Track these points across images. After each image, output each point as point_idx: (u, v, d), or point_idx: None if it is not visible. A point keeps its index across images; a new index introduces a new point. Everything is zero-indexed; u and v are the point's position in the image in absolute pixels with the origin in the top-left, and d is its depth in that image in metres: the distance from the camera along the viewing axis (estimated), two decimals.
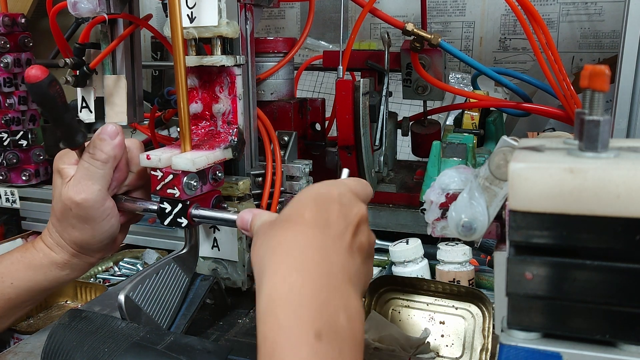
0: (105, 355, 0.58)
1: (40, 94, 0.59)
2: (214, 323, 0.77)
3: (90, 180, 0.66)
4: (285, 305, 0.45)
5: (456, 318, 0.70)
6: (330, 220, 0.51)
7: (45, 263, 0.71)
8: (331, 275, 0.48)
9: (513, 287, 0.40)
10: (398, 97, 1.27)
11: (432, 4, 1.83)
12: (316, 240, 0.49)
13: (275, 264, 0.48)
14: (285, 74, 0.97)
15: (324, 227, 0.51)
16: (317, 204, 0.52)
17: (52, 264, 0.71)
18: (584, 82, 0.39)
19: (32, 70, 0.58)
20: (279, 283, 0.46)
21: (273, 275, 0.47)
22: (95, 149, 0.67)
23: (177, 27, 0.66)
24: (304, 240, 0.49)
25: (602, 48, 1.69)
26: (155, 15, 0.94)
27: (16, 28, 1.16)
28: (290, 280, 0.46)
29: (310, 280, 0.46)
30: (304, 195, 0.54)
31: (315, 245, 0.49)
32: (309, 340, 0.43)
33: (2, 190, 1.23)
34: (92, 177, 0.66)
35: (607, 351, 0.39)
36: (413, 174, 1.18)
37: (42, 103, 0.61)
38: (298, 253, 0.48)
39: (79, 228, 0.68)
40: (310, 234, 0.50)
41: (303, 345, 0.43)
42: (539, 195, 0.38)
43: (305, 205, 0.52)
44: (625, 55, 0.80)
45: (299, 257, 0.48)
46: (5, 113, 1.16)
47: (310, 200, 0.53)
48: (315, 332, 0.43)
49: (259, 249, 0.52)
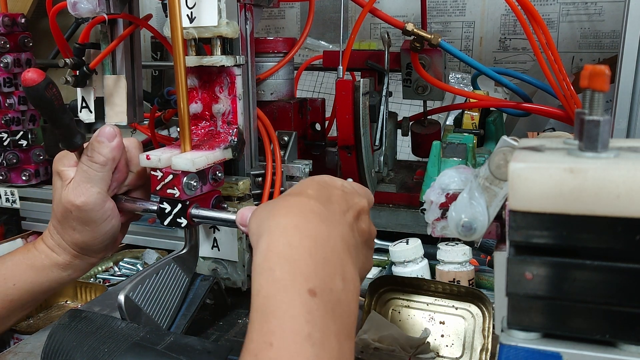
0: (105, 356, 0.58)
1: (37, 97, 0.59)
2: (214, 323, 0.77)
3: (89, 183, 0.66)
4: (281, 259, 0.44)
5: (456, 318, 0.70)
6: (333, 199, 0.52)
7: (47, 264, 0.71)
8: (330, 240, 0.47)
9: (513, 287, 0.40)
10: (398, 97, 1.27)
11: (432, 4, 1.83)
12: (317, 208, 0.49)
13: (275, 222, 0.48)
14: (285, 74, 0.97)
15: (326, 202, 0.51)
16: (320, 186, 0.54)
17: (54, 265, 0.71)
18: (584, 82, 0.39)
19: (28, 74, 0.58)
20: (276, 238, 0.46)
21: (272, 232, 0.47)
22: (94, 152, 0.66)
23: (177, 27, 0.66)
24: (305, 206, 0.49)
25: (602, 48, 1.69)
26: (155, 15, 0.94)
27: (16, 28, 1.16)
28: (289, 236, 0.46)
29: (308, 239, 0.46)
30: (307, 179, 0.57)
31: (317, 211, 0.49)
32: (303, 296, 0.42)
33: (2, 190, 1.23)
34: (91, 180, 0.66)
35: (607, 351, 0.39)
36: (413, 174, 1.18)
37: (39, 106, 0.61)
38: (298, 213, 0.48)
39: (80, 230, 0.68)
40: (313, 203, 0.50)
41: (296, 299, 0.42)
42: (539, 195, 0.38)
43: (309, 185, 0.53)
44: (625, 55, 0.80)
45: (299, 217, 0.48)
46: (5, 113, 1.16)
47: (313, 182, 0.54)
48: (310, 289, 0.43)
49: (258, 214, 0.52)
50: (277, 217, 0.48)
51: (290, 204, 0.50)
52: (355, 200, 0.55)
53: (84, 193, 0.66)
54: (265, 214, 0.50)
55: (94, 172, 0.66)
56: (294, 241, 0.45)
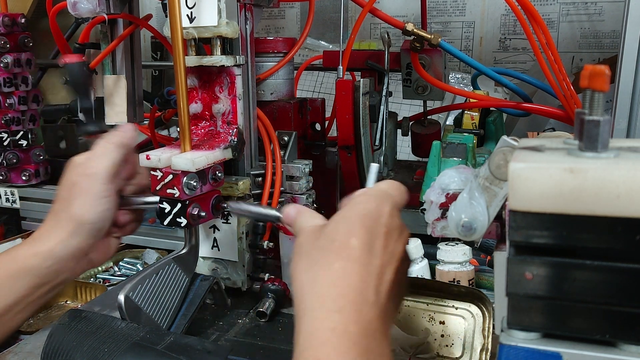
0: (105, 355, 0.58)
1: (75, 73, 0.70)
2: (214, 323, 0.77)
3: (101, 157, 0.70)
4: (327, 347, 0.44)
5: (456, 318, 0.70)
6: (375, 249, 0.50)
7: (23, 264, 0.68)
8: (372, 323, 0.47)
9: (513, 287, 0.40)
10: (398, 97, 1.27)
11: (432, 4, 1.83)
12: (358, 278, 0.48)
13: (316, 301, 0.47)
14: (285, 74, 0.97)
15: (368, 261, 0.49)
16: (365, 229, 0.51)
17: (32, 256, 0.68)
18: (584, 82, 0.39)
19: (69, 55, 0.69)
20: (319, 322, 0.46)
21: (313, 312, 0.47)
22: (111, 135, 0.72)
23: (177, 27, 0.66)
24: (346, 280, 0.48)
25: (602, 48, 1.69)
26: (155, 15, 0.94)
27: (16, 28, 1.16)
28: (332, 322, 0.45)
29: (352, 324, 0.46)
30: (353, 213, 0.52)
31: (357, 286, 0.48)
32: None
33: (2, 190, 1.23)
34: (103, 155, 0.70)
35: (607, 351, 0.39)
36: (413, 174, 1.18)
37: (76, 81, 0.70)
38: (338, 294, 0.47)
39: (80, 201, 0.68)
40: (353, 270, 0.48)
41: None
42: (538, 195, 0.38)
43: (353, 230, 0.51)
44: (625, 55, 0.79)
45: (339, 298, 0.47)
46: (5, 113, 1.16)
47: (358, 222, 0.51)
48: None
49: (300, 272, 0.51)
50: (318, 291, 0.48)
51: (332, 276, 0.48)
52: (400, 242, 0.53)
53: (96, 165, 0.69)
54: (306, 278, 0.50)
55: (107, 150, 0.70)
56: (337, 329, 0.45)
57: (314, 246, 0.51)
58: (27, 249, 0.69)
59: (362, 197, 0.54)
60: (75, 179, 0.69)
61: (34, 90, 1.20)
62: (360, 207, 0.52)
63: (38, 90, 1.23)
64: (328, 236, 0.51)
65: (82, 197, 0.68)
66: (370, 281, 0.48)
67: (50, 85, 1.65)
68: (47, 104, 1.51)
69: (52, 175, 1.26)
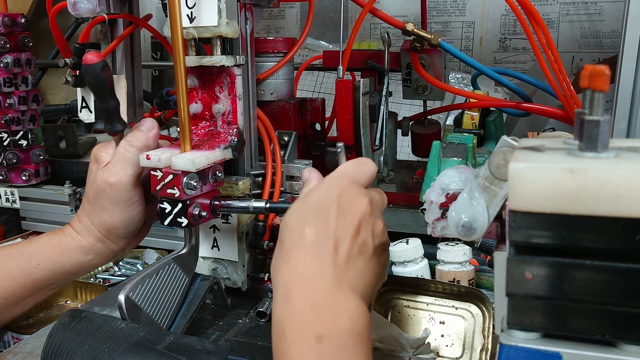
0: (105, 356, 0.58)
1: (94, 75, 0.67)
2: (214, 323, 0.77)
3: (125, 164, 0.71)
4: (288, 321, 0.51)
5: (456, 318, 0.70)
6: (329, 230, 0.54)
7: (71, 246, 0.74)
8: (329, 288, 0.52)
9: (513, 287, 0.40)
10: (398, 97, 1.28)
11: (432, 4, 1.83)
12: (315, 261, 0.53)
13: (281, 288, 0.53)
14: (285, 74, 0.97)
15: (324, 244, 0.53)
16: (317, 216, 0.55)
17: (77, 248, 0.74)
18: (584, 82, 0.39)
19: (89, 55, 0.66)
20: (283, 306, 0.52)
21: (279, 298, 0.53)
22: (133, 137, 0.72)
23: (177, 27, 0.66)
24: (303, 268, 0.53)
25: (602, 48, 1.69)
26: (155, 15, 0.94)
27: (16, 28, 1.16)
28: (293, 301, 0.52)
29: (309, 296, 0.52)
30: (306, 205, 0.57)
31: (314, 266, 0.53)
32: (311, 344, 0.49)
33: (2, 190, 1.23)
34: (126, 162, 0.71)
35: (607, 351, 0.39)
36: (413, 174, 1.18)
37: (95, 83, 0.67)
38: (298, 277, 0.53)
39: (109, 210, 0.72)
40: (309, 256, 0.53)
41: (305, 348, 0.49)
42: (538, 195, 0.38)
43: (306, 220, 0.55)
44: (625, 55, 0.80)
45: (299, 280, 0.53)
46: (5, 113, 1.16)
47: (310, 212, 0.56)
48: (316, 336, 0.49)
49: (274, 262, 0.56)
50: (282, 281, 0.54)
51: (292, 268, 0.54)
52: (352, 212, 0.55)
53: (119, 172, 0.71)
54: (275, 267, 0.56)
55: (130, 155, 0.71)
56: (296, 304, 0.51)
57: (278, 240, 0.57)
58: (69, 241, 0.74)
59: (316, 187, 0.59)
60: (101, 185, 0.71)
61: (34, 90, 1.21)
62: (313, 196, 0.57)
63: (38, 90, 1.23)
64: (287, 229, 0.56)
65: (110, 207, 0.72)
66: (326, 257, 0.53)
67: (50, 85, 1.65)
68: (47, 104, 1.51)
69: (52, 175, 1.26)
